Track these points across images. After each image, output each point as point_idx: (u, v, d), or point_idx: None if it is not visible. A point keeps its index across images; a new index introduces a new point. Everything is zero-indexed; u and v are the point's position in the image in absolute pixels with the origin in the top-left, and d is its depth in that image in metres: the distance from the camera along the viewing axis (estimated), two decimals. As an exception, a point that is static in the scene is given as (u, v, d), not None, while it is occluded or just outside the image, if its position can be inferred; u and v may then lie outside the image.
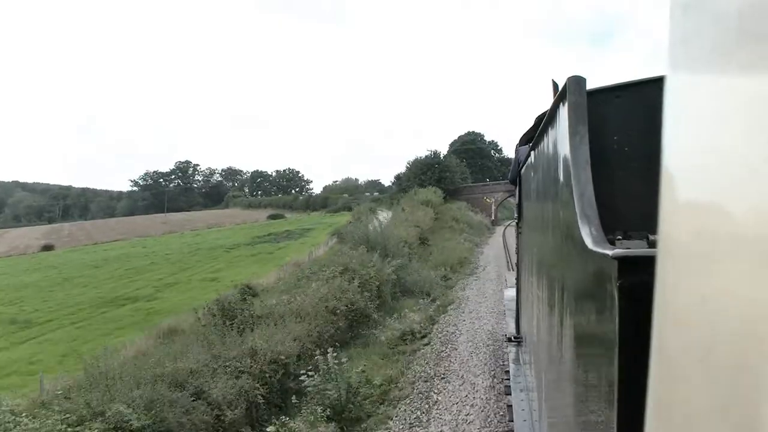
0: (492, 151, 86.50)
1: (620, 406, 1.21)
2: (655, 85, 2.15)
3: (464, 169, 64.21)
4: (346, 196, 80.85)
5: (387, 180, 78.56)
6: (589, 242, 1.62)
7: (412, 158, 65.06)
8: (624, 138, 2.67)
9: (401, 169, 60.09)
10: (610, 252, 1.31)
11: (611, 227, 1.88)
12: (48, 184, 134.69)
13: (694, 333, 0.44)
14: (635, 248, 1.49)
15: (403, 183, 58.74)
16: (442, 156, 61.44)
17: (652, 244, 1.58)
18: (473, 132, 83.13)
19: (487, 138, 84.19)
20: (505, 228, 38.24)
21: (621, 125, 2.72)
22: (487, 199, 58.67)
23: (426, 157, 61.07)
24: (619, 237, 1.90)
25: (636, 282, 1.17)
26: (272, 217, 68.18)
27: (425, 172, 57.40)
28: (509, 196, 46.79)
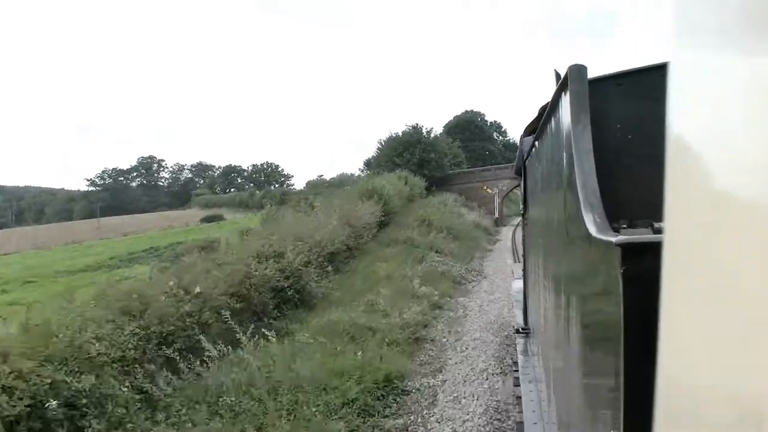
0: (495, 134, 72.40)
1: (627, 394, 1.20)
2: (657, 72, 2.06)
3: (457, 151, 50.87)
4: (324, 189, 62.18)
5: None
6: (592, 230, 1.60)
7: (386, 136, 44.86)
8: (627, 126, 2.71)
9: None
10: (613, 239, 1.30)
11: (616, 216, 1.90)
12: (40, 187, 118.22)
13: (701, 321, 0.45)
14: (640, 235, 1.52)
15: (373, 169, 38.70)
16: (425, 131, 45.16)
17: (657, 232, 1.59)
18: (471, 111, 65.31)
19: (489, 119, 70.36)
20: (515, 230, 26.00)
21: (623, 113, 2.75)
22: (488, 189, 44.39)
23: (404, 133, 45.54)
24: (624, 225, 2.06)
25: (640, 269, 1.15)
26: (207, 219, 50.59)
27: (401, 153, 43.24)
28: (516, 186, 26.52)
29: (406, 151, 43.57)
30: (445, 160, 44.67)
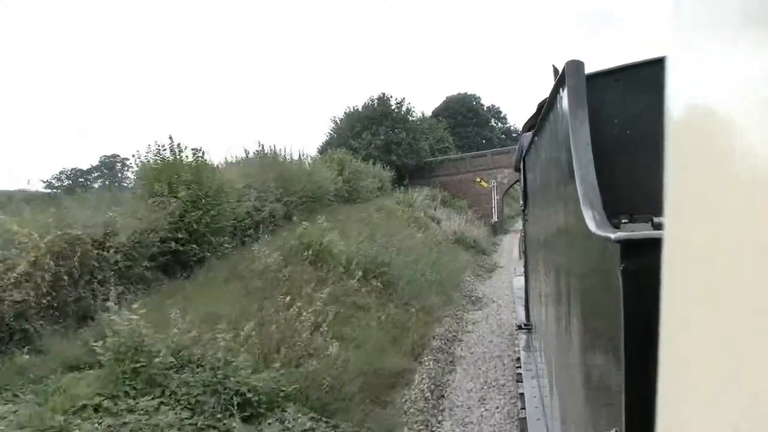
0: (493, 120, 58.13)
1: (628, 390, 1.20)
2: (654, 66, 2.06)
3: (443, 134, 39.00)
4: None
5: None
6: (592, 226, 1.60)
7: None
8: (625, 120, 2.71)
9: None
10: (612, 235, 1.31)
11: (616, 211, 1.93)
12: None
13: (700, 317, 0.45)
14: (640, 231, 1.56)
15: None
16: (395, 103, 33.00)
17: (657, 227, 1.59)
18: (465, 94, 53.96)
19: (487, 104, 56.33)
20: (522, 241, 9.26)
21: (622, 108, 2.75)
22: (483, 182, 31.31)
23: (366, 106, 33.06)
24: (624, 220, 2.18)
25: (640, 265, 1.16)
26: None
27: (359, 133, 30.88)
28: (518, 181, 12.50)
29: (366, 131, 30.11)
30: (422, 143, 31.35)
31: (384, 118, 30.81)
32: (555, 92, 2.64)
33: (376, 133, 30.23)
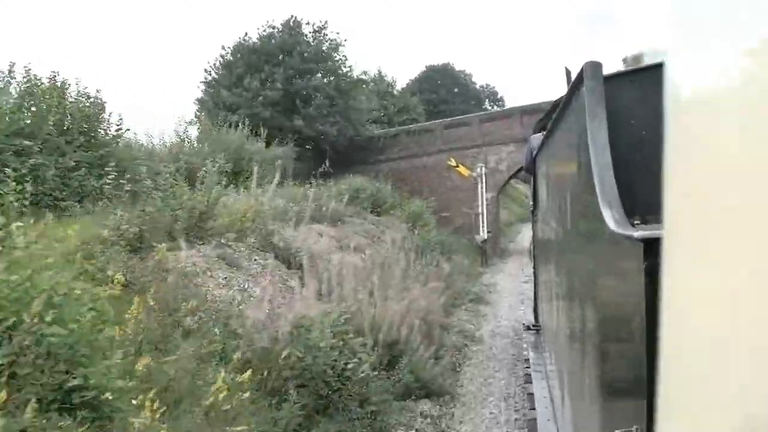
0: (488, 102, 46.55)
1: (650, 387, 1.21)
2: None
3: (410, 101, 27.80)
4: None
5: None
6: (612, 225, 1.65)
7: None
8: (641, 121, 2.77)
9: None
10: (636, 234, 1.34)
11: (629, 211, 2.03)
12: None
13: (705, 317, 0.46)
14: (658, 230, 1.77)
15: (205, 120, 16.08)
16: (310, 30, 19.56)
17: None
18: (450, 66, 41.98)
19: (480, 83, 46.13)
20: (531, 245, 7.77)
21: (637, 109, 2.80)
22: (463, 169, 17.28)
23: (262, 37, 18.97)
24: (637, 221, 2.08)
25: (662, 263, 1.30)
26: None
27: (240, 79, 17.73)
28: (520, 170, 13.39)
29: (254, 74, 14.40)
30: (361, 101, 16.40)
31: (287, 55, 17.04)
32: (572, 93, 2.68)
33: (269, 80, 16.46)
